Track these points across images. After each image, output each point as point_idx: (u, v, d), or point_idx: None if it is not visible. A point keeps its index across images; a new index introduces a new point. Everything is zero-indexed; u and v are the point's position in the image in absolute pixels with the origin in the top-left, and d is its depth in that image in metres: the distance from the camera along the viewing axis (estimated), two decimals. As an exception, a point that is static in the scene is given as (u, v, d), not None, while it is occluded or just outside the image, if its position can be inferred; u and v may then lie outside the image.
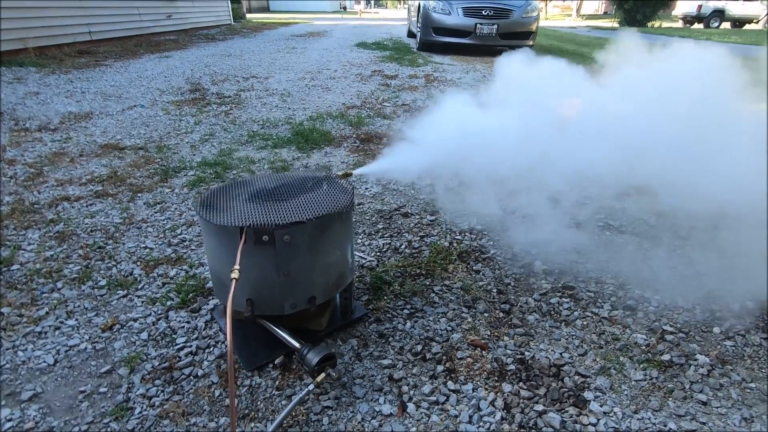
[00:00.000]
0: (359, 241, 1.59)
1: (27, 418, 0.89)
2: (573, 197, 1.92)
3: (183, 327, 1.14)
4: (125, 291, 1.28)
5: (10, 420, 0.88)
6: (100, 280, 1.32)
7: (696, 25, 21.39)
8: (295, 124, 3.02)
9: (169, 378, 0.99)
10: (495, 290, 1.33)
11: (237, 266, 0.81)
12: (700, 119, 1.44)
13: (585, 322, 1.20)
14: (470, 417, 0.91)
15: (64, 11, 5.82)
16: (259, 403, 0.94)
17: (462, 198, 1.93)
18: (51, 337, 1.10)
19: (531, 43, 6.94)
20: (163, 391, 0.95)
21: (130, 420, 0.89)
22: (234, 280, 0.78)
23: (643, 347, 1.12)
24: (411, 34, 9.39)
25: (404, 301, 1.27)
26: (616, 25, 20.11)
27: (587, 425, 0.90)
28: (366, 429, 0.89)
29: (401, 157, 1.49)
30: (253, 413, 0.92)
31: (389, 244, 1.57)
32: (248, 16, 19.24)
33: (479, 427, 0.90)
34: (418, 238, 1.61)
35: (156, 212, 1.76)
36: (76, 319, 1.16)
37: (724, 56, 1.46)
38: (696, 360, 1.08)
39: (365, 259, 1.47)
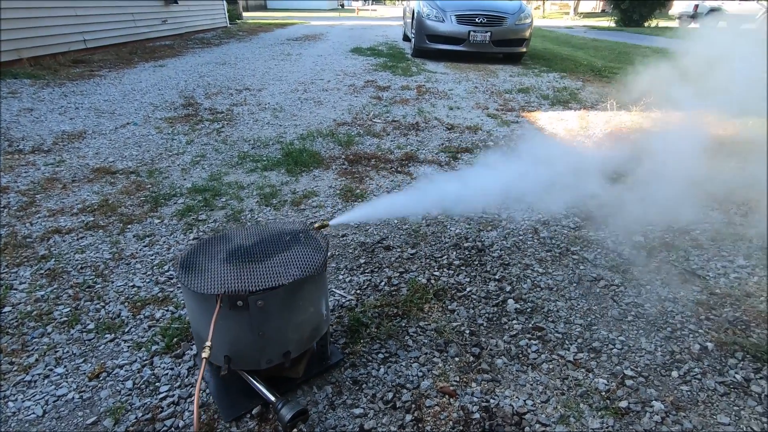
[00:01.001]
0: (341, 277, 1.65)
1: (16, 473, 0.95)
2: (552, 229, 1.98)
3: (167, 374, 1.20)
4: (113, 335, 1.33)
5: (0, 476, 0.94)
6: (88, 323, 1.37)
7: (692, 25, 21.40)
8: (285, 144, 3.07)
9: (151, 430, 1.05)
10: (468, 331, 1.39)
11: (209, 343, 0.86)
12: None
13: (551, 366, 1.27)
14: (433, 469, 0.97)
15: (59, 20, 5.85)
16: (235, 455, 1.00)
17: (444, 228, 1.99)
18: (40, 387, 1.15)
19: (524, 49, 6.98)
20: (145, 444, 1.01)
21: (114, 474, 0.95)
22: (204, 359, 0.84)
23: (603, 393, 1.18)
24: (406, 38, 9.42)
25: (380, 344, 1.32)
26: (612, 24, 20.13)
27: (542, 477, 0.96)
28: (335, 482, 0.95)
29: (378, 205, 1.55)
30: (229, 466, 0.98)
31: (370, 280, 1.63)
32: (245, 14, 19.22)
33: (441, 479, 0.96)
34: (398, 274, 1.66)
35: (145, 246, 1.81)
36: (65, 366, 1.22)
37: None
38: (652, 407, 1.14)
39: (345, 297, 1.53)
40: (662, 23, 22.49)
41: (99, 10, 6.63)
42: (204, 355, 0.85)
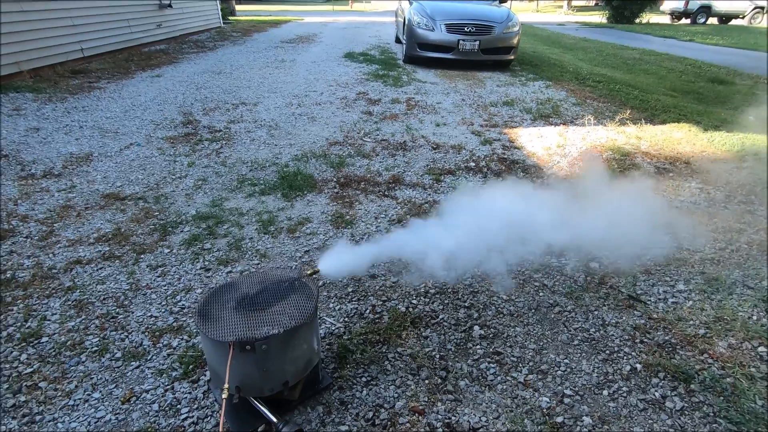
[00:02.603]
0: (331, 305, 1.90)
1: (72, 483, 1.20)
2: (519, 258, 2.23)
3: (185, 397, 1.45)
4: (137, 362, 1.58)
5: (59, 485, 1.19)
6: (116, 352, 1.62)
7: (683, 21, 21.63)
8: (281, 166, 3.30)
9: (176, 446, 1.30)
10: (438, 356, 1.65)
11: (226, 385, 1.11)
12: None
13: (504, 387, 1.53)
14: (402, 476, 1.24)
15: (57, 30, 5.97)
16: (245, 466, 1.25)
17: (423, 258, 2.24)
18: (82, 410, 1.40)
19: (512, 57, 7.19)
20: (172, 458, 1.27)
21: (149, 482, 1.20)
22: (224, 400, 1.09)
23: (545, 410, 1.44)
24: (398, 40, 9.57)
25: (363, 368, 1.58)
26: (604, 20, 20.29)
27: (488, 480, 1.23)
28: (324, 487, 1.21)
29: (361, 252, 1.80)
30: (241, 475, 1.23)
31: (356, 308, 1.88)
32: (239, 8, 19.13)
33: (408, 483, 1.22)
34: (381, 302, 1.92)
35: (158, 276, 2.05)
36: (100, 392, 1.46)
37: None
38: (582, 421, 1.41)
39: (335, 325, 1.78)
40: (654, 18, 22.71)
41: (95, 18, 6.74)
42: (224, 396, 1.10)
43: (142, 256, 2.20)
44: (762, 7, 20.38)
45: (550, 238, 2.39)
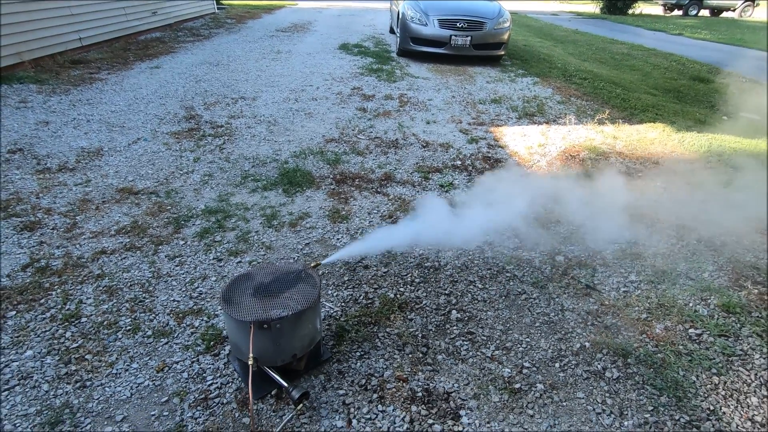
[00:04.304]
0: (329, 292, 2.19)
1: (123, 433, 1.49)
2: (496, 250, 2.54)
3: (209, 368, 1.74)
4: (167, 339, 1.86)
5: (113, 434, 1.49)
6: (147, 331, 1.90)
7: (676, 12, 21.81)
8: (281, 162, 3.55)
9: (205, 405, 1.59)
10: (420, 335, 1.95)
11: (251, 355, 1.40)
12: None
13: (474, 360, 1.84)
14: (389, 428, 1.55)
15: (56, 20, 6.06)
16: (262, 420, 1.56)
17: (411, 250, 2.53)
18: (124, 377, 1.69)
19: (502, 53, 7.41)
20: (203, 414, 1.56)
21: (185, 433, 1.50)
22: (250, 365, 1.38)
23: (506, 378, 1.76)
24: (392, 31, 9.70)
25: (357, 345, 1.88)
26: (597, 11, 20.40)
27: None
28: (326, 436, 1.52)
29: (357, 246, 2.08)
30: (259, 428, 1.53)
31: (351, 295, 2.17)
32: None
33: (393, 433, 1.53)
34: (373, 290, 2.21)
35: (176, 266, 2.32)
36: (137, 363, 1.75)
37: None
38: (536, 387, 1.73)
39: (333, 308, 2.08)
40: (647, 9, 22.85)
41: (92, 7, 6.81)
42: (250, 362, 1.39)
43: (160, 247, 2.46)
44: (752, 0, 20.63)
45: (523, 234, 2.70)
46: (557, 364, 1.84)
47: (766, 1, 21.56)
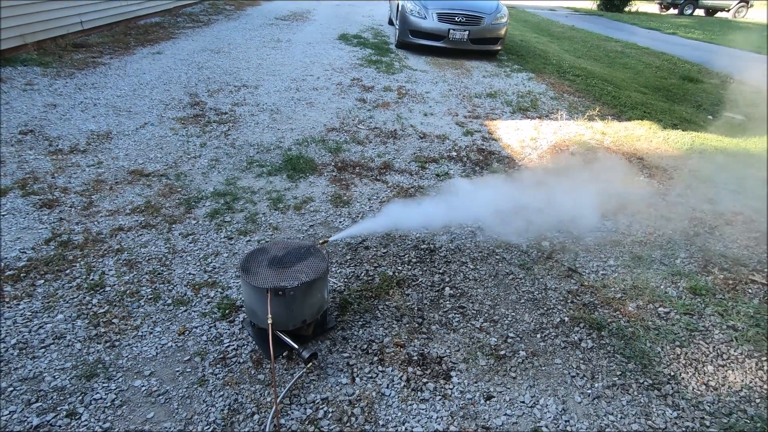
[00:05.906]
0: (333, 270, 2.38)
1: (151, 386, 1.67)
2: (486, 234, 2.74)
3: (226, 332, 1.93)
4: (185, 307, 2.04)
5: (144, 386, 1.67)
6: (167, 300, 2.07)
7: (671, 10, 22.03)
8: (284, 150, 3.70)
9: (224, 363, 1.78)
10: (416, 308, 2.15)
11: (270, 315, 1.59)
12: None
13: (465, 330, 2.05)
14: (387, 385, 1.75)
15: (58, 3, 6.09)
16: (276, 378, 1.75)
17: (408, 233, 2.72)
18: (149, 339, 1.86)
19: (499, 47, 7.56)
20: (222, 370, 1.75)
21: (207, 386, 1.69)
22: (270, 324, 1.56)
23: (492, 346, 1.97)
24: (391, 22, 9.78)
25: (359, 315, 2.08)
26: (594, 8, 20.53)
27: (447, 389, 1.75)
28: (333, 391, 1.71)
29: (362, 226, 2.27)
30: (272, 383, 1.72)
31: (353, 272, 2.36)
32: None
33: (391, 390, 1.73)
34: (373, 268, 2.40)
35: (189, 243, 2.49)
36: (160, 327, 1.93)
37: None
38: (519, 354, 1.94)
39: (337, 284, 2.26)
40: (644, 6, 23.02)
41: (94, -10, 6.83)
42: (270, 321, 1.58)
43: (174, 225, 2.62)
44: (746, 1, 20.90)
45: (512, 221, 2.90)
46: (539, 335, 2.05)
47: (763, 1, 21.81)
